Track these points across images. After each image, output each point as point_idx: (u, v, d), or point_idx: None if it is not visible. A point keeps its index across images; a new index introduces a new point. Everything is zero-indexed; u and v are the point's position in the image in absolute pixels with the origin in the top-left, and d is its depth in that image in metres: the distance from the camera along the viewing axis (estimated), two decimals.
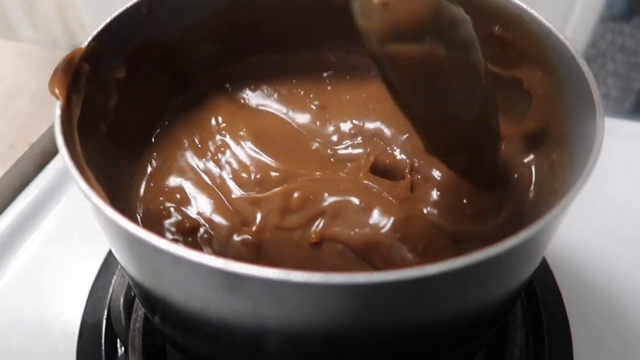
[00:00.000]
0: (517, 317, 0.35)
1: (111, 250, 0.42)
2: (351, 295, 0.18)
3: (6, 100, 0.56)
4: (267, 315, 0.20)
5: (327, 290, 0.18)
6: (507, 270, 0.22)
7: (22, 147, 0.50)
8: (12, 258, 0.42)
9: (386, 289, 0.18)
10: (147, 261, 0.21)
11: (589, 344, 0.36)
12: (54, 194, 0.48)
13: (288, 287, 0.18)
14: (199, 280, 0.20)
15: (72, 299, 0.39)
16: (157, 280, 0.23)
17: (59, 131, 0.24)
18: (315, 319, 0.20)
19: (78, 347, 0.36)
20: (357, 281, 0.17)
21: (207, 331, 0.24)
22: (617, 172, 0.49)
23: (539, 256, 0.25)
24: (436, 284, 0.19)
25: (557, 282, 0.39)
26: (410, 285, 0.18)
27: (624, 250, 0.42)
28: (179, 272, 0.20)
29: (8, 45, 0.65)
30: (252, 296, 0.19)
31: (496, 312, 0.26)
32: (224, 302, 0.20)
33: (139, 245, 0.20)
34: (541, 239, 0.22)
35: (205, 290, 0.20)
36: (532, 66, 0.29)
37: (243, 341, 0.23)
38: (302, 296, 0.19)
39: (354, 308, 0.19)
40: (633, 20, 1.08)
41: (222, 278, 0.18)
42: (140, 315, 0.36)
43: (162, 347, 0.35)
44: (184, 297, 0.22)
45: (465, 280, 0.19)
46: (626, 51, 1.10)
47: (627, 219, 0.44)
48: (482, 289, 0.22)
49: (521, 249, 0.19)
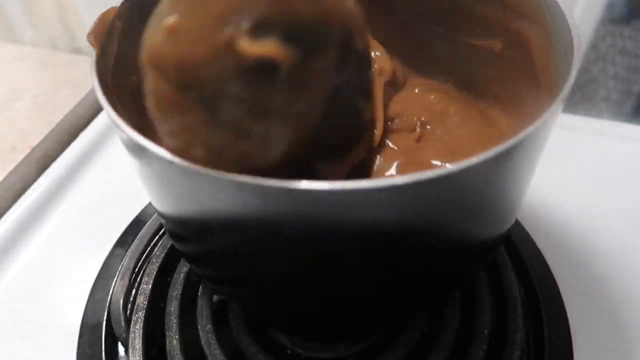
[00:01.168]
0: (518, 316, 0.35)
1: (111, 252, 0.42)
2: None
3: (7, 104, 0.56)
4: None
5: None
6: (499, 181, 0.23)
7: (23, 150, 0.50)
8: (13, 260, 0.43)
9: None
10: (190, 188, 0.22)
11: (589, 344, 0.36)
12: (55, 197, 0.48)
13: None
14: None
15: (73, 300, 0.39)
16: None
17: (95, 75, 0.25)
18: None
19: (78, 349, 0.36)
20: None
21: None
22: (617, 174, 0.49)
23: (528, 172, 0.25)
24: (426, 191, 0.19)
25: (558, 283, 0.39)
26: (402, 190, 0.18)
27: (625, 252, 0.42)
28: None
29: (8, 49, 0.65)
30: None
31: (488, 231, 0.27)
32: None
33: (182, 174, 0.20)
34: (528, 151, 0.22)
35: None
36: (529, 24, 0.30)
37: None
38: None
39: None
40: (633, 23, 1.08)
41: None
42: (140, 316, 0.36)
43: (163, 349, 0.35)
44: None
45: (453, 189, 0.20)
46: (626, 54, 1.11)
47: (628, 221, 0.44)
48: (471, 202, 0.22)
49: (511, 156, 0.20)
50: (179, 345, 0.34)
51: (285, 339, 0.34)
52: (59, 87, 0.58)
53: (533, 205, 0.45)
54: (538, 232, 0.43)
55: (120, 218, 0.45)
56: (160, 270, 0.39)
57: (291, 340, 0.34)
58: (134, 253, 0.40)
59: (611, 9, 1.05)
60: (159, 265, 0.39)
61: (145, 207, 0.46)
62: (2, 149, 0.50)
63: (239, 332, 0.34)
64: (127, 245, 0.42)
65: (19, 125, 0.53)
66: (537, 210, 0.45)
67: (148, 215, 0.45)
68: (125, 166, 0.50)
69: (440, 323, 0.35)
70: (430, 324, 0.36)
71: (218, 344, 0.34)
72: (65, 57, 0.64)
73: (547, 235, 0.43)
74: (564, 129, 0.53)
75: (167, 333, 0.35)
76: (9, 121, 0.54)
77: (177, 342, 0.34)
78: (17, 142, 0.51)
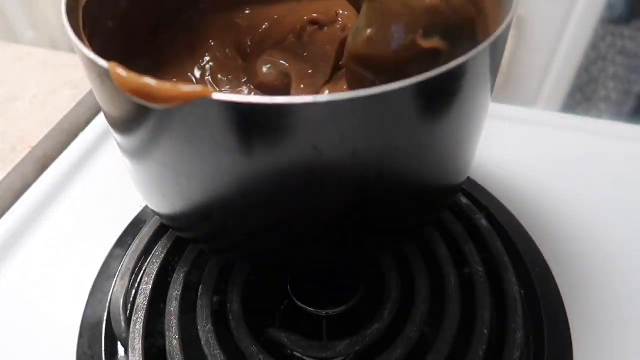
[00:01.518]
0: (518, 316, 0.35)
1: (111, 252, 0.42)
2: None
3: (6, 104, 0.56)
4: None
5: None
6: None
7: (23, 150, 0.50)
8: (13, 260, 0.43)
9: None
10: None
11: (589, 344, 0.36)
12: (55, 196, 0.48)
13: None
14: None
15: (73, 300, 0.39)
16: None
17: (64, 6, 0.26)
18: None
19: (78, 349, 0.36)
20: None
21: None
22: (617, 174, 0.49)
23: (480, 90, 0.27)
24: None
25: (558, 283, 0.39)
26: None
27: (625, 251, 0.42)
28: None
29: (8, 49, 0.65)
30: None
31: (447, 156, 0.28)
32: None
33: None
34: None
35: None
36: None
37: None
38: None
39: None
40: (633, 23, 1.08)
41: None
42: (140, 316, 0.36)
43: (162, 349, 0.35)
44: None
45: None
46: (626, 54, 1.11)
47: (628, 221, 0.44)
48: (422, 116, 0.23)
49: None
50: (179, 345, 0.34)
51: (285, 338, 0.34)
52: (59, 87, 0.58)
53: (533, 205, 0.45)
54: (538, 232, 0.43)
55: (120, 218, 0.45)
56: (160, 271, 0.39)
57: (291, 340, 0.34)
58: (134, 253, 0.40)
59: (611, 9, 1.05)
60: (159, 265, 0.39)
61: (145, 207, 0.46)
62: (2, 149, 0.50)
63: (239, 332, 0.34)
64: (127, 245, 0.42)
65: (19, 125, 0.53)
66: (536, 210, 0.45)
67: (148, 215, 0.45)
68: (125, 166, 0.50)
69: (440, 322, 0.35)
70: (430, 323, 0.36)
71: (218, 344, 0.34)
72: (65, 57, 0.64)
73: (547, 235, 0.43)
74: (563, 129, 0.53)
75: (167, 333, 0.35)
76: (9, 121, 0.54)
77: (177, 342, 0.34)
78: (17, 142, 0.51)
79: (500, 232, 0.42)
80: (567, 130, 0.53)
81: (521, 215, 0.44)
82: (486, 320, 0.35)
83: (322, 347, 0.34)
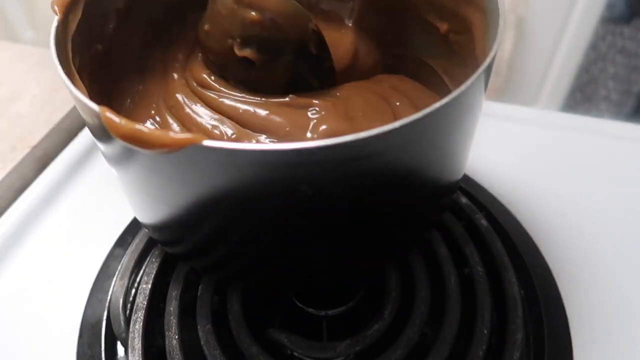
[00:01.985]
0: (518, 317, 0.35)
1: (110, 252, 0.42)
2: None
3: (6, 103, 0.56)
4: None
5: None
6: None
7: (23, 149, 0.50)
8: (12, 259, 0.43)
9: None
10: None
11: (589, 344, 0.36)
12: (54, 196, 0.48)
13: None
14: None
15: (72, 300, 0.39)
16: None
17: (53, 37, 0.27)
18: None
19: (78, 348, 0.36)
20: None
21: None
22: (617, 174, 0.49)
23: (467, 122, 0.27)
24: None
25: (558, 283, 0.39)
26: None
27: (626, 251, 0.42)
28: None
29: (8, 48, 0.65)
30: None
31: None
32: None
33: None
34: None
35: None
36: (474, 9, 0.32)
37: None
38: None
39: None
40: (633, 22, 1.08)
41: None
42: (140, 316, 0.36)
43: (162, 348, 0.35)
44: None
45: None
46: (626, 54, 1.11)
47: (628, 221, 0.44)
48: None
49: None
50: (179, 345, 0.34)
51: (285, 339, 0.34)
52: (59, 87, 0.58)
53: (533, 205, 0.45)
54: (538, 232, 0.43)
55: (120, 218, 0.45)
56: (159, 270, 0.39)
57: (291, 340, 0.34)
58: (134, 253, 0.40)
59: (611, 9, 1.05)
60: (158, 265, 0.39)
61: None
62: (2, 149, 0.50)
63: (238, 332, 0.34)
64: (126, 245, 0.42)
65: (18, 124, 0.53)
66: (536, 210, 0.45)
67: None
68: None
69: (440, 323, 0.35)
70: (430, 324, 0.36)
71: (218, 344, 0.34)
72: None
73: (547, 235, 0.43)
74: (564, 128, 0.53)
75: (166, 333, 0.35)
76: (9, 121, 0.54)
77: (177, 342, 0.34)
78: (17, 141, 0.51)
79: (500, 232, 0.42)
80: (567, 130, 0.53)
81: (521, 215, 0.44)
82: (486, 321, 0.35)
83: (322, 347, 0.34)
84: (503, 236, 0.42)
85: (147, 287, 0.38)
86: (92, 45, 0.32)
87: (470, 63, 0.34)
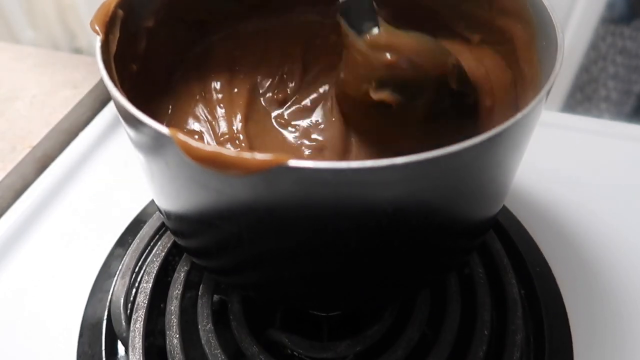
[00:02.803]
0: (518, 318, 0.35)
1: (111, 252, 0.42)
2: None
3: (6, 104, 0.56)
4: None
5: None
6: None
7: (23, 150, 0.50)
8: (13, 259, 0.43)
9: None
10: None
11: (589, 344, 0.36)
12: (55, 196, 0.48)
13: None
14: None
15: (73, 299, 0.39)
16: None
17: (100, 59, 0.26)
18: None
19: (78, 348, 0.36)
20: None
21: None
22: (617, 174, 0.49)
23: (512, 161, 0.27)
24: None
25: (558, 283, 0.39)
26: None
27: (626, 251, 0.42)
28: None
29: (8, 49, 0.65)
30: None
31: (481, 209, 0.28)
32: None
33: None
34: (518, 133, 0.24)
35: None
36: (514, 20, 0.32)
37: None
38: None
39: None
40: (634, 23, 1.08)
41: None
42: (140, 315, 0.36)
43: (163, 348, 0.35)
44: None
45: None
46: (627, 54, 1.11)
47: (628, 221, 0.44)
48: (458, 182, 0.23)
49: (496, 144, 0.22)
50: (179, 344, 0.34)
51: (286, 339, 0.34)
52: (59, 87, 0.58)
53: (533, 204, 0.45)
54: (538, 232, 0.43)
55: (120, 218, 0.45)
56: (160, 270, 0.39)
57: (291, 340, 0.34)
58: (134, 252, 0.40)
59: (611, 9, 1.05)
60: (159, 264, 0.39)
61: (145, 207, 0.46)
62: (2, 149, 0.50)
63: (239, 331, 0.34)
64: (127, 245, 0.42)
65: (18, 125, 0.53)
66: (537, 210, 0.45)
67: (148, 214, 0.45)
68: (125, 166, 0.51)
69: (440, 323, 0.35)
70: (430, 324, 0.36)
71: (218, 344, 0.34)
72: (65, 57, 0.64)
73: (547, 235, 0.43)
74: (564, 128, 0.53)
75: (167, 332, 0.35)
76: (9, 121, 0.54)
77: (178, 341, 0.34)
78: (17, 142, 0.51)
79: (501, 232, 0.42)
80: (567, 129, 0.53)
81: (521, 215, 0.44)
82: (486, 322, 0.35)
83: (322, 347, 0.34)
84: (503, 236, 0.42)
85: (148, 286, 0.38)
86: (128, 65, 0.32)
87: (515, 71, 0.33)
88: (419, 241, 0.26)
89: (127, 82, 0.31)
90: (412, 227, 0.24)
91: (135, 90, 0.31)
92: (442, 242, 0.27)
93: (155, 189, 0.28)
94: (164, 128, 0.21)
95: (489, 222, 0.31)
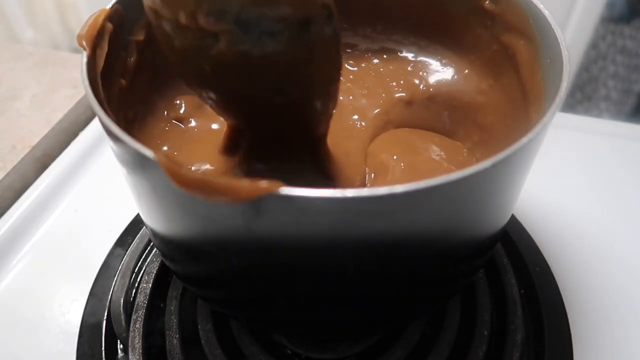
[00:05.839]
0: (518, 318, 0.35)
1: (110, 252, 0.42)
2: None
3: (6, 103, 0.56)
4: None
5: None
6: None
7: (23, 149, 0.50)
8: (13, 259, 0.43)
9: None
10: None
11: (589, 344, 0.36)
12: (54, 196, 0.48)
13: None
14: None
15: (73, 299, 0.39)
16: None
17: (85, 76, 0.25)
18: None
19: (78, 348, 0.36)
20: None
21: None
22: (617, 174, 0.49)
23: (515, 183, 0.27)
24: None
25: (558, 283, 0.39)
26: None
27: (626, 251, 0.42)
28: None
29: (8, 48, 0.65)
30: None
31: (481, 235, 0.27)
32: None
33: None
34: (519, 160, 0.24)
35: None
36: (516, 36, 0.32)
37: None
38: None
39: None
40: (633, 22, 1.08)
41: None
42: (140, 315, 0.36)
43: (162, 348, 0.35)
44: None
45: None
46: (627, 53, 1.11)
47: (628, 220, 0.44)
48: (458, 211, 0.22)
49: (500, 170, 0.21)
50: (179, 344, 0.34)
51: (286, 339, 0.34)
52: (59, 86, 0.58)
53: (533, 205, 0.45)
54: (538, 232, 0.43)
55: (120, 217, 0.45)
56: (160, 270, 0.39)
57: (291, 340, 0.34)
58: (134, 252, 0.40)
59: (611, 9, 1.05)
60: (159, 264, 0.39)
61: None
62: (2, 149, 0.50)
63: (239, 331, 0.34)
64: (127, 245, 0.42)
65: (18, 124, 0.53)
66: (537, 210, 0.45)
67: None
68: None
69: (440, 323, 0.35)
70: (431, 324, 0.36)
71: (218, 344, 0.34)
72: (65, 57, 0.64)
73: (547, 235, 0.43)
74: (564, 128, 0.53)
75: (167, 332, 0.35)
76: (9, 121, 0.54)
77: (177, 341, 0.34)
78: (16, 141, 0.51)
79: None
80: (567, 129, 0.53)
81: (521, 215, 0.44)
82: (486, 322, 0.35)
83: (322, 347, 0.34)
84: (503, 236, 0.42)
85: (148, 286, 0.38)
86: (116, 81, 0.31)
87: (518, 88, 0.33)
88: (420, 269, 0.25)
89: (114, 97, 0.30)
90: (411, 256, 0.23)
91: (125, 106, 0.31)
92: (444, 268, 0.27)
93: (142, 209, 0.27)
94: (149, 151, 0.20)
95: (495, 238, 0.30)
